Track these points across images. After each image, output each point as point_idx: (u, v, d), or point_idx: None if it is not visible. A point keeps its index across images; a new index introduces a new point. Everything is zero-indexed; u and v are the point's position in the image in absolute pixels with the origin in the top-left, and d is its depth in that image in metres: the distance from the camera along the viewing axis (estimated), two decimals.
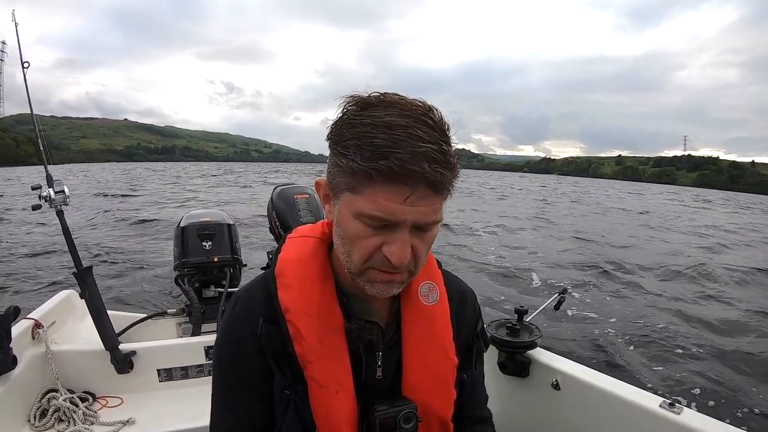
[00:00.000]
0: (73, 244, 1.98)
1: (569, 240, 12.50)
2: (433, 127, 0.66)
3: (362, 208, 0.68)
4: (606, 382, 1.49)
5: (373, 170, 0.64)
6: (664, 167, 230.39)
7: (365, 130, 0.65)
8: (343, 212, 0.73)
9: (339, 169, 0.70)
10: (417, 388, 0.86)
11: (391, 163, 0.63)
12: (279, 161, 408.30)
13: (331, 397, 0.80)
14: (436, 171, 0.65)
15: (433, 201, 0.69)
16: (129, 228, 11.57)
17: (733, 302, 7.00)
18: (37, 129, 1.98)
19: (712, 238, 14.78)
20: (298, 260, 0.85)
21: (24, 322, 1.89)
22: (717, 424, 1.24)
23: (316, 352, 0.80)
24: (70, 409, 1.74)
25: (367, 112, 0.67)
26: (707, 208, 33.64)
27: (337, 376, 0.81)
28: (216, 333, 2.06)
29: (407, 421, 0.82)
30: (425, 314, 0.88)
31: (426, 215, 0.69)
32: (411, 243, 0.71)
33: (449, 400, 0.90)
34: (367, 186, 0.67)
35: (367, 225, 0.70)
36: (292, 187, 2.03)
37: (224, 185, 31.69)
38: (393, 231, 0.69)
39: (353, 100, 0.69)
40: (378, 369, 0.86)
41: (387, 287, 0.76)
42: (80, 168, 74.10)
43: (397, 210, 0.67)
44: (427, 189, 0.67)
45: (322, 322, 0.81)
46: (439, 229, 0.75)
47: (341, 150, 0.69)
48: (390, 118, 0.65)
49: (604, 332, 5.33)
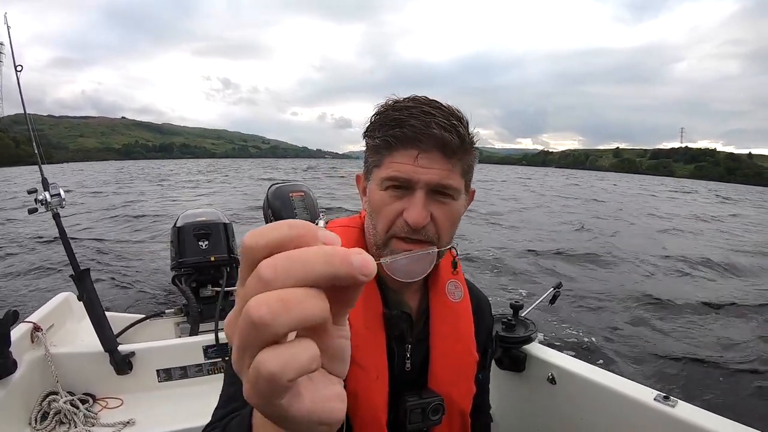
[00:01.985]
0: (70, 247, 1.98)
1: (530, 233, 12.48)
2: (443, 109, 0.77)
3: (383, 174, 0.78)
4: (601, 375, 1.50)
5: (389, 137, 0.76)
6: (660, 159, 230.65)
7: (387, 113, 0.78)
8: (372, 189, 0.82)
9: (368, 151, 0.83)
10: (442, 381, 0.89)
11: (405, 129, 0.75)
12: (277, 157, 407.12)
13: (372, 382, 0.83)
14: (444, 135, 0.74)
15: (444, 165, 0.76)
16: (126, 228, 11.56)
17: (726, 294, 7.04)
18: (32, 132, 1.98)
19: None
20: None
21: (23, 326, 1.89)
22: (711, 417, 1.25)
23: (362, 337, 0.82)
24: (71, 411, 1.75)
25: (392, 105, 0.79)
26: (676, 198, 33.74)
27: (377, 361, 0.84)
28: (213, 332, 2.07)
29: (435, 412, 0.85)
30: (452, 310, 0.92)
31: (438, 177, 0.76)
32: (430, 209, 0.77)
33: (470, 394, 0.93)
34: (386, 155, 0.78)
35: (389, 193, 0.78)
36: (288, 185, 2.04)
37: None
38: (411, 195, 0.77)
39: (385, 101, 0.81)
40: (407, 361, 0.88)
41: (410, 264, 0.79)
42: (78, 167, 73.94)
43: (410, 170, 0.76)
44: (437, 151, 0.76)
45: (367, 308, 0.84)
46: (462, 209, 0.83)
47: (369, 134, 0.82)
48: (408, 104, 0.77)
49: (599, 326, 5.36)
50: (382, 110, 0.80)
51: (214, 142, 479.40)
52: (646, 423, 1.33)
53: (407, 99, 0.79)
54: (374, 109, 0.81)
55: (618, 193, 33.69)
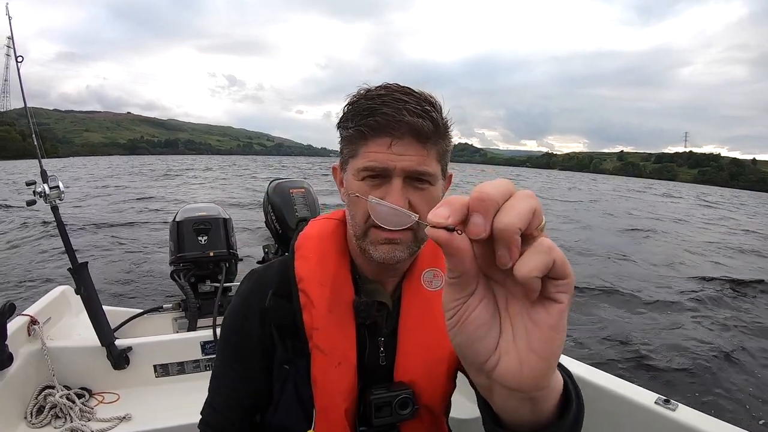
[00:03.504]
0: (68, 240, 1.97)
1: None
2: (415, 95, 0.77)
3: (359, 164, 0.78)
4: (601, 378, 1.48)
5: (362, 126, 0.76)
6: (664, 163, 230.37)
7: (359, 103, 0.78)
8: (348, 180, 0.82)
9: (343, 143, 0.83)
10: (408, 373, 0.86)
11: (377, 118, 0.74)
12: (282, 155, 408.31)
13: (333, 367, 0.82)
14: (417, 121, 0.74)
15: (419, 151, 0.76)
16: (124, 223, 11.58)
17: (727, 300, 7.01)
18: (30, 122, 1.98)
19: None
20: (318, 236, 0.90)
21: (19, 319, 1.89)
22: (712, 421, 1.24)
23: (324, 320, 0.82)
24: (67, 406, 1.74)
25: (364, 94, 0.79)
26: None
27: (341, 348, 0.83)
28: (212, 328, 2.06)
29: (403, 407, 0.83)
30: (425, 299, 0.88)
31: (414, 163, 0.76)
32: (407, 197, 0.76)
33: (440, 392, 0.89)
34: (361, 145, 0.78)
35: (366, 183, 0.78)
36: (288, 182, 2.02)
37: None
38: (388, 183, 0.77)
39: (357, 91, 0.80)
40: (381, 355, 0.87)
41: (390, 249, 0.78)
42: (84, 161, 74.36)
43: (385, 158, 0.75)
44: (411, 138, 0.75)
45: (334, 293, 0.84)
46: (440, 194, 0.82)
47: (343, 125, 0.81)
48: (380, 92, 0.77)
49: (599, 328, 5.34)
50: (354, 100, 0.79)
51: (219, 139, 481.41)
52: (647, 427, 1.31)
53: (379, 87, 0.78)
54: (346, 99, 0.81)
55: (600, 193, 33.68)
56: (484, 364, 0.38)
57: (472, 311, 0.37)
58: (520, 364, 0.36)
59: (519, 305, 0.37)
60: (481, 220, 0.33)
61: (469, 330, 0.37)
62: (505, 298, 0.38)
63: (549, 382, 0.38)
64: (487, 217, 0.33)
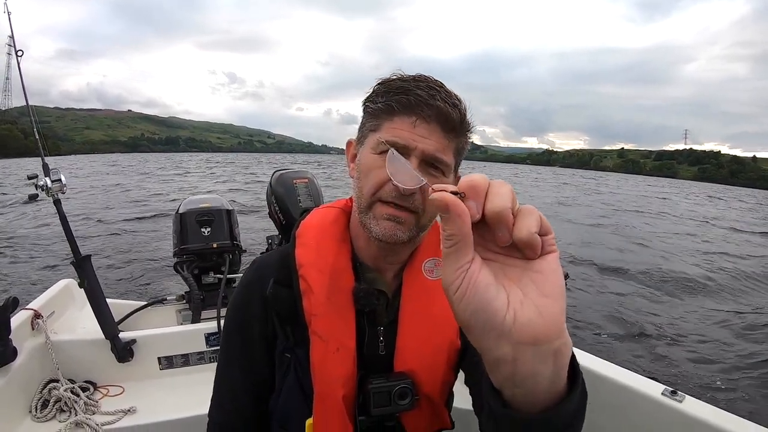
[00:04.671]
0: (71, 233, 1.96)
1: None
2: (447, 88, 0.78)
3: (381, 137, 0.78)
4: (608, 369, 1.48)
5: (394, 102, 0.77)
6: (664, 161, 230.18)
7: (392, 82, 0.79)
8: (364, 153, 0.82)
9: (366, 117, 0.83)
10: (407, 363, 0.86)
11: (410, 96, 0.75)
12: (283, 152, 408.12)
13: (331, 353, 0.82)
14: (448, 108, 0.75)
15: (441, 138, 0.77)
16: (127, 215, 11.59)
17: (731, 292, 7.01)
18: (32, 118, 1.97)
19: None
20: (318, 224, 0.90)
21: (23, 313, 1.88)
22: (718, 412, 1.24)
23: (322, 306, 0.82)
24: (72, 399, 1.73)
25: (399, 76, 0.80)
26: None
27: (340, 334, 0.83)
28: (216, 320, 2.05)
29: (402, 397, 0.82)
30: (426, 288, 0.88)
31: (434, 148, 0.76)
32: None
33: (441, 381, 0.88)
34: (387, 119, 0.78)
35: (382, 157, 0.77)
36: (291, 172, 2.01)
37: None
38: None
39: (390, 75, 0.81)
40: (380, 344, 0.86)
41: (392, 227, 0.78)
42: (87, 159, 74.30)
43: (408, 136, 0.76)
44: (436, 123, 0.76)
45: (333, 280, 0.84)
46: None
47: (371, 99, 0.81)
48: (415, 77, 0.79)
49: (606, 318, 5.34)
50: (388, 79, 0.80)
51: (220, 137, 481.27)
52: (653, 418, 1.31)
53: (413, 75, 0.80)
54: (378, 79, 0.82)
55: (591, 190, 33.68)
56: (503, 322, 0.38)
57: (478, 274, 0.39)
58: (538, 309, 0.38)
59: (518, 270, 0.40)
60: (474, 204, 0.38)
61: (480, 291, 0.38)
62: (501, 270, 0.40)
63: (565, 328, 0.40)
64: (479, 202, 0.38)
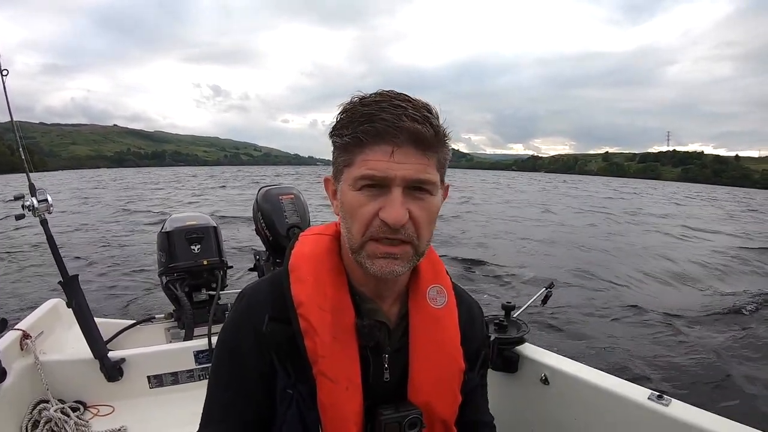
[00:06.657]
0: (58, 253, 1.95)
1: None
2: (413, 101, 0.74)
3: (356, 173, 0.74)
4: (594, 375, 1.50)
5: (360, 133, 0.72)
6: (648, 163, 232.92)
7: (355, 109, 0.74)
8: (344, 190, 0.77)
9: (337, 152, 0.78)
10: (422, 392, 0.86)
11: (376, 124, 0.71)
12: (269, 164, 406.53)
13: (341, 392, 0.80)
14: (418, 127, 0.71)
15: (420, 159, 0.73)
16: (113, 235, 11.49)
17: (718, 293, 7.11)
18: (17, 136, 1.96)
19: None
20: (312, 256, 0.86)
21: (11, 334, 1.87)
22: (705, 415, 1.26)
23: (328, 347, 0.80)
24: (62, 420, 1.72)
25: (360, 101, 0.75)
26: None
27: (347, 372, 0.81)
28: (206, 337, 2.05)
29: (412, 426, 0.82)
30: (433, 317, 0.88)
31: (414, 172, 0.73)
32: (408, 207, 0.73)
33: (454, 405, 0.90)
34: (358, 153, 0.74)
35: (363, 193, 0.74)
36: (277, 188, 2.02)
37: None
38: (387, 193, 0.73)
39: (351, 98, 0.76)
40: (386, 372, 0.85)
41: (388, 264, 0.76)
42: (73, 175, 73.33)
43: (385, 167, 0.72)
44: (411, 146, 0.72)
45: (335, 317, 0.81)
46: (440, 205, 0.80)
47: (337, 133, 0.76)
48: (377, 98, 0.74)
49: (592, 326, 5.38)
50: (349, 107, 0.75)
51: (206, 150, 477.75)
52: (640, 422, 1.33)
53: (374, 94, 0.75)
54: (339, 107, 0.77)
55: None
56: None
57: None
58: None
59: None
60: None
61: None
62: None
63: None
64: None
